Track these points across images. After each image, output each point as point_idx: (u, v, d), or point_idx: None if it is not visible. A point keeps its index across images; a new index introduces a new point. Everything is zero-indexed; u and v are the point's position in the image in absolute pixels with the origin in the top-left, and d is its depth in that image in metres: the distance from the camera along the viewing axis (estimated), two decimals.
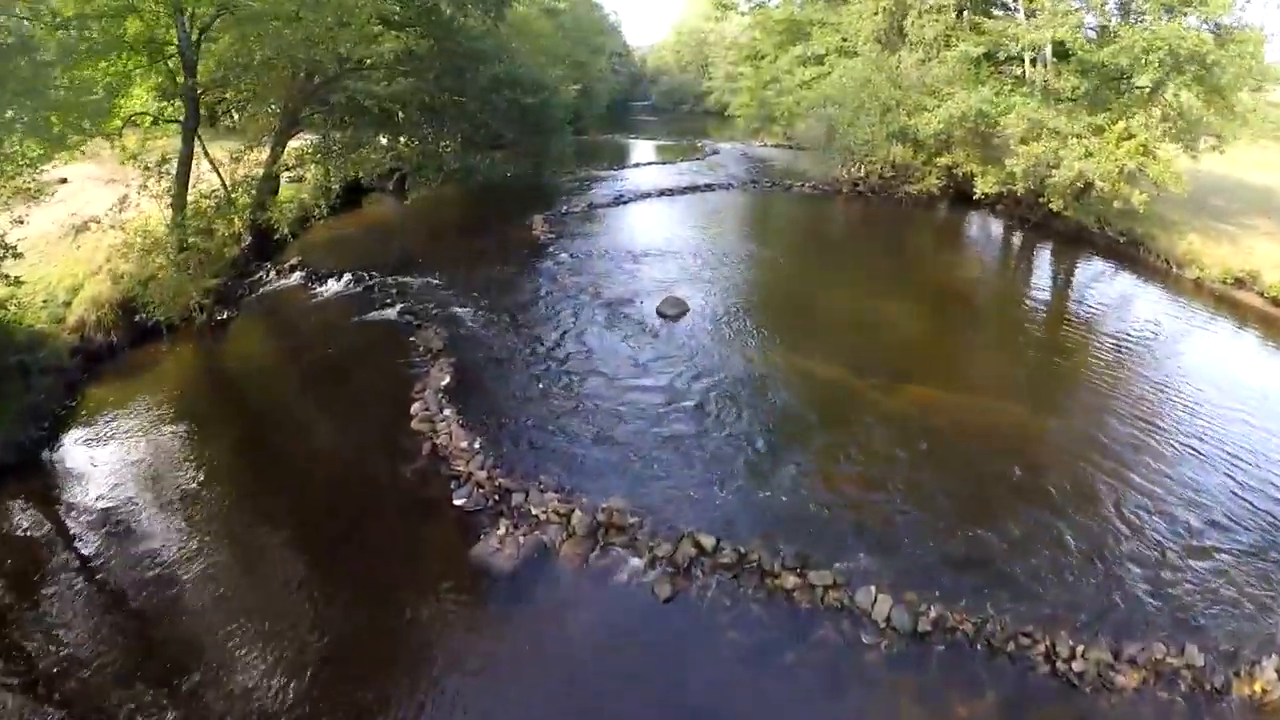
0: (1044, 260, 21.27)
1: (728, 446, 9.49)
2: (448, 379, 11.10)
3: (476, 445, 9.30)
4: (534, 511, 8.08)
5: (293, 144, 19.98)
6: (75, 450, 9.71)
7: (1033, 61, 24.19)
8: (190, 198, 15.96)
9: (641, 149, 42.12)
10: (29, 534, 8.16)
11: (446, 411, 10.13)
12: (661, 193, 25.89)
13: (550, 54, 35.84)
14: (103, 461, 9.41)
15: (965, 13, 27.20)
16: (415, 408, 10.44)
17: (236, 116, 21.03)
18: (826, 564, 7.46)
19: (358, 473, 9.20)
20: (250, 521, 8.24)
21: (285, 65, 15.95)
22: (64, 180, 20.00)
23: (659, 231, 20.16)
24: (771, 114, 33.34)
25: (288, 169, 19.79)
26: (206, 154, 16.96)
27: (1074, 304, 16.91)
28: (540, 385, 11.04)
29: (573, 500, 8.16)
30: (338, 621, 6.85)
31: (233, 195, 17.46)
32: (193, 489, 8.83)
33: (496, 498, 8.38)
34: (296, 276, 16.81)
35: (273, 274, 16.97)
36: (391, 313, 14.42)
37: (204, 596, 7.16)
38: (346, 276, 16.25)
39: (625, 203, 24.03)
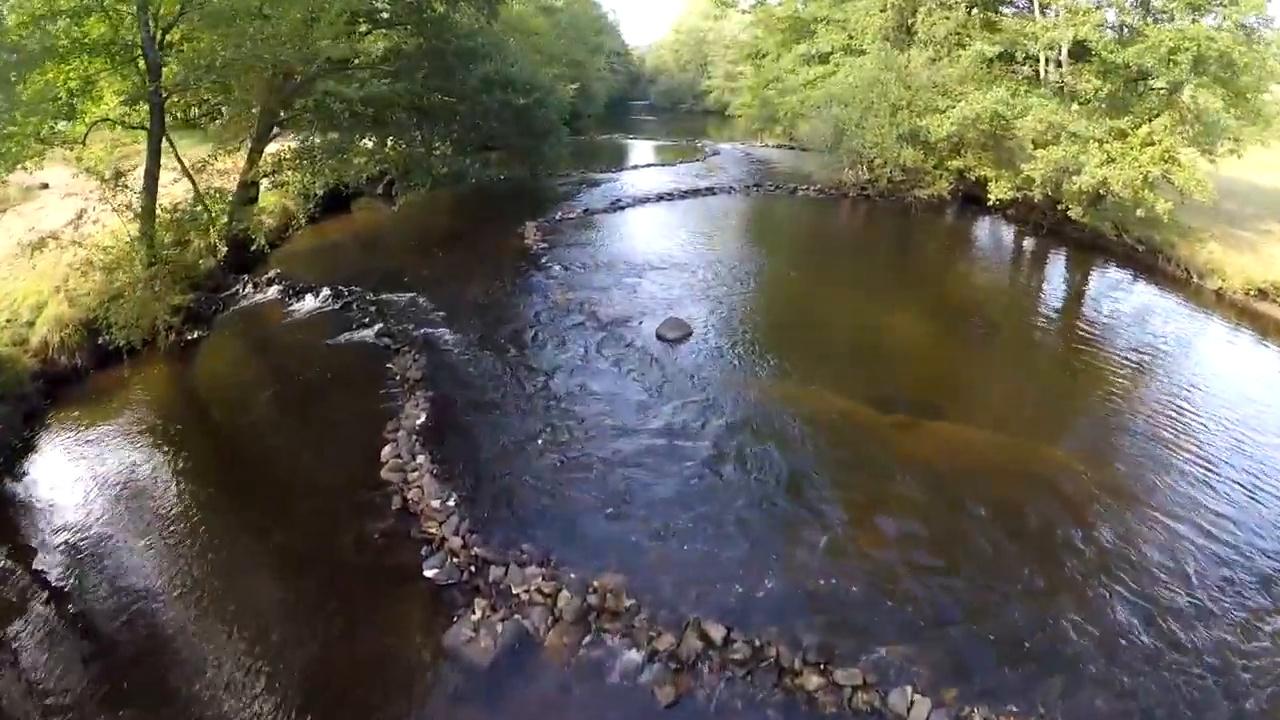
0: (1062, 271, 20.09)
1: (737, 506, 8.31)
2: (423, 417, 9.92)
3: (451, 503, 8.13)
4: (515, 590, 6.92)
5: (273, 148, 18.80)
6: (32, 488, 8.80)
7: (1047, 61, 23.01)
8: (163, 207, 14.86)
9: (640, 150, 40.88)
10: None
11: (419, 458, 8.96)
12: (661, 197, 24.68)
13: (546, 53, 34.63)
14: (56, 503, 8.49)
15: (975, 10, 26.02)
16: (386, 451, 9.28)
17: (216, 122, 19.79)
18: (854, 656, 6.30)
19: (319, 533, 8.04)
20: (199, 595, 7.08)
21: (258, 65, 14.72)
22: (45, 185, 18.92)
23: (658, 240, 18.97)
24: (774, 114, 32.08)
25: (267, 175, 18.58)
26: (180, 161, 15.80)
27: (1099, 321, 15.73)
28: (525, 427, 9.83)
29: (559, 576, 6.98)
30: None
31: (208, 204, 16.38)
32: (143, 539, 7.79)
33: (472, 569, 7.21)
34: (274, 291, 15.61)
35: (249, 288, 15.79)
36: (369, 334, 13.23)
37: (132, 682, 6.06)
38: (325, 291, 15.06)
39: (623, 208, 22.82)
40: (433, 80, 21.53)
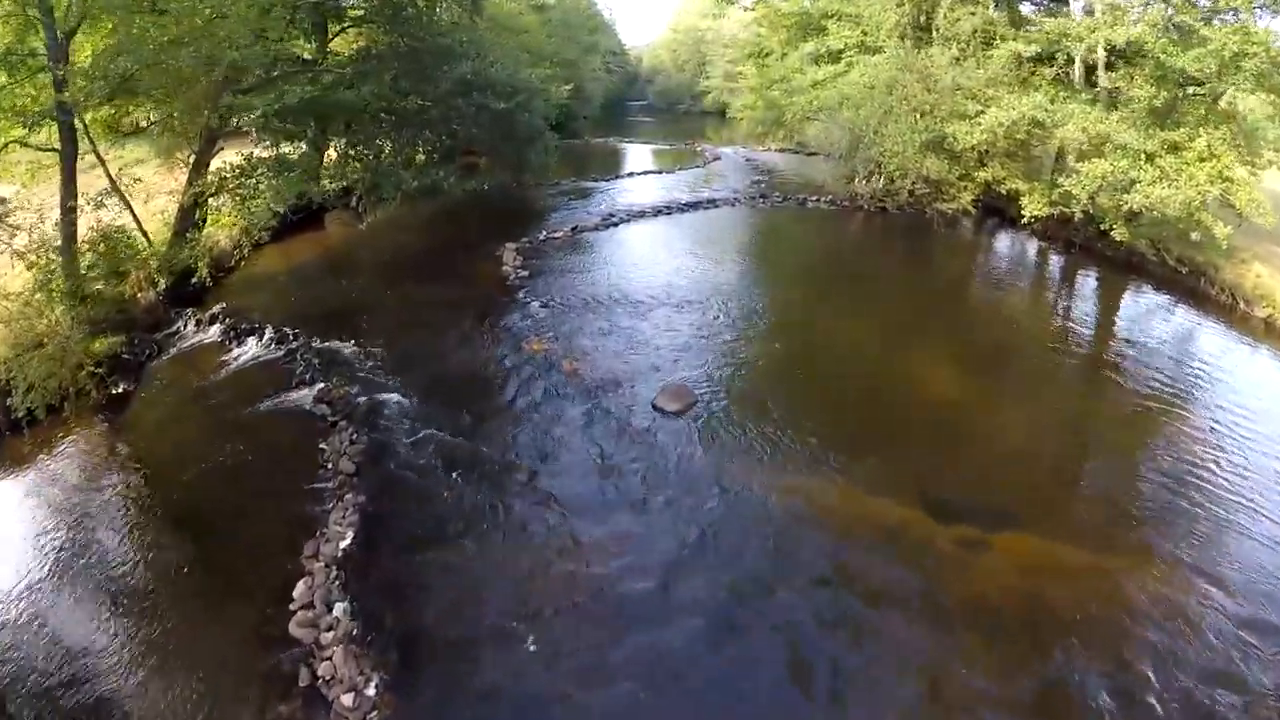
0: (1104, 299, 17.69)
1: (763, 697, 5.89)
2: (350, 537, 7.48)
3: (370, 692, 5.72)
4: None
5: (224, 160, 16.25)
6: None
7: (1082, 63, 20.55)
8: (87, 239, 12.49)
9: (636, 155, 38.29)
10: None
11: (337, 610, 6.53)
12: (658, 211, 22.18)
13: (536, 52, 32.00)
14: None
15: (998, 6, 23.53)
16: (300, 590, 6.86)
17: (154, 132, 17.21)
18: None
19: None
20: None
21: (186, 70, 12.19)
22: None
23: (656, 266, 16.44)
24: (780, 117, 29.51)
25: (211, 195, 16.01)
26: (114, 183, 13.51)
27: (1163, 367, 13.15)
28: (479, 570, 7.31)
29: None
30: None
31: (145, 229, 14.06)
32: None
33: None
34: (216, 330, 13.15)
35: (192, 325, 13.38)
36: (308, 396, 10.75)
37: None
38: (269, 334, 12.62)
39: (615, 224, 20.32)
40: (404, 82, 19.02)
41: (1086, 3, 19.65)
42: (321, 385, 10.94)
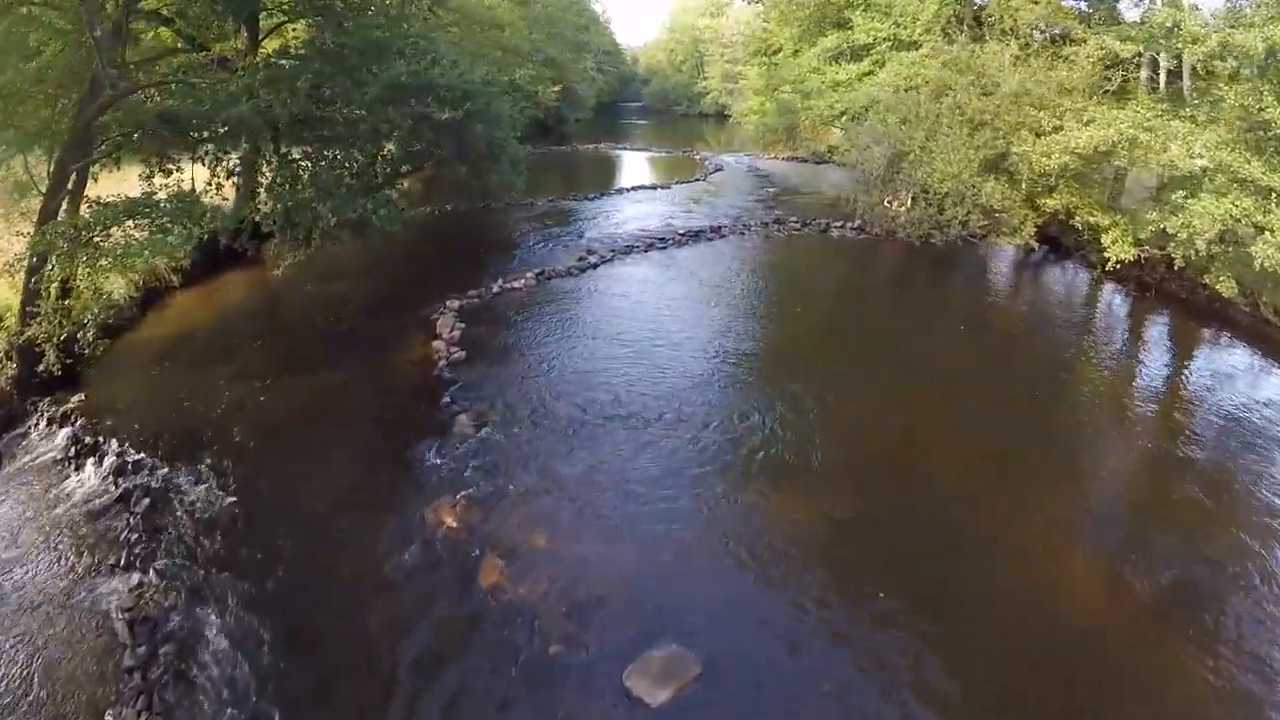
0: (1209, 364, 12.95)
1: None
2: None
3: None
4: None
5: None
6: None
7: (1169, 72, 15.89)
8: None
9: (629, 164, 33.47)
10: None
11: None
12: (649, 244, 17.45)
13: (514, 49, 27.24)
14: None
15: None
16: None
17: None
18: None
19: None
20: None
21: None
22: None
23: (642, 344, 11.37)
24: (793, 123, 24.71)
25: (60, 252, 11.22)
26: None
27: None
28: None
29: None
30: None
31: None
32: None
33: None
34: (62, 439, 9.15)
35: (44, 423, 9.57)
36: (117, 593, 6.34)
37: None
38: (111, 457, 8.51)
39: (594, 266, 15.57)
40: (328, 89, 14.27)
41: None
42: (137, 579, 6.47)
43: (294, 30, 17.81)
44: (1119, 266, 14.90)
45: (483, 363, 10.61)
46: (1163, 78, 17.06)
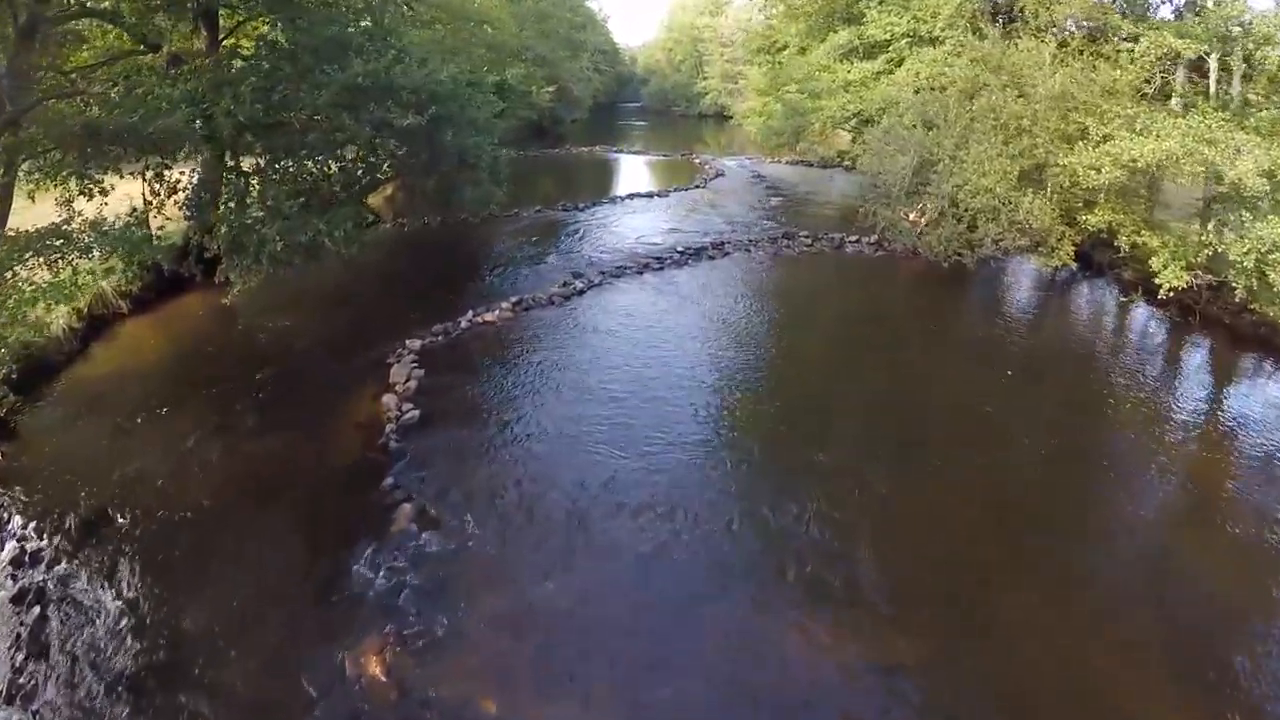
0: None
1: None
2: None
3: None
4: None
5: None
6: None
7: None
8: None
9: (626, 168, 31.45)
10: None
11: None
12: (645, 264, 15.51)
13: (500, 47, 25.25)
14: None
15: None
16: None
17: None
18: None
19: None
20: None
21: None
22: None
23: (634, 397, 9.40)
24: (801, 125, 22.69)
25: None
26: None
27: None
28: None
29: None
30: None
31: None
32: None
33: None
34: None
35: None
36: None
37: None
38: (12, 545, 6.99)
39: (580, 292, 13.61)
40: (279, 94, 12.32)
41: None
42: None
43: (257, 27, 15.87)
44: (1171, 294, 12.99)
45: (439, 425, 8.66)
46: (1213, 81, 15.14)
